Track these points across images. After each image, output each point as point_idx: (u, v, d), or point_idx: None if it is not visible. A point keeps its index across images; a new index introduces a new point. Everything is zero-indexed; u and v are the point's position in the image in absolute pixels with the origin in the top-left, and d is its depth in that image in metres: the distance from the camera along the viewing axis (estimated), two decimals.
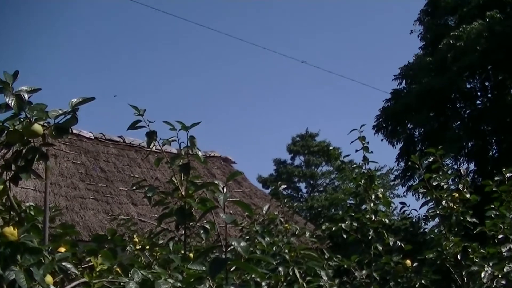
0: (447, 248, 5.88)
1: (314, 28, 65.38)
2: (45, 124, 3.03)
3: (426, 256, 6.01)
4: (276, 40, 62.04)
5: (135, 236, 6.05)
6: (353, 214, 6.15)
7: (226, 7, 63.45)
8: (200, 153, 3.92)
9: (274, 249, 4.97)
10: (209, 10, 55.68)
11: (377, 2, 62.81)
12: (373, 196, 6.17)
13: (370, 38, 64.95)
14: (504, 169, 6.18)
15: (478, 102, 25.51)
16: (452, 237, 5.94)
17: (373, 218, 6.04)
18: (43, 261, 2.88)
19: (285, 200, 7.00)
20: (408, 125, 26.16)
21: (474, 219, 6.05)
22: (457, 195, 6.11)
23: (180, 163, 3.90)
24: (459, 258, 5.78)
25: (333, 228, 6.10)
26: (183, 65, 64.11)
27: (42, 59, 54.41)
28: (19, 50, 46.51)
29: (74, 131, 14.48)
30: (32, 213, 3.56)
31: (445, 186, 6.19)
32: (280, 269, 4.57)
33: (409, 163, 6.41)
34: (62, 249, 3.46)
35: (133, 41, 61.05)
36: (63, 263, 2.94)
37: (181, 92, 62.38)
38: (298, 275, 4.56)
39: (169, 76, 62.89)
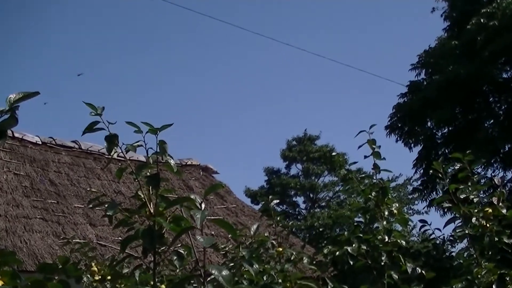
0: (479, 276, 5.88)
1: (312, 11, 65.45)
2: None
3: (453, 286, 6.01)
4: (271, 29, 62.17)
5: (93, 264, 6.04)
6: (361, 235, 6.14)
7: None
8: (172, 161, 3.90)
9: (264, 278, 4.96)
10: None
11: None
12: (386, 213, 6.16)
13: (381, 19, 65.13)
14: None
15: None
16: (485, 263, 5.94)
17: (387, 240, 6.03)
18: None
19: (279, 218, 7.00)
20: (429, 124, 26.22)
21: None
22: (490, 210, 6.10)
23: (148, 174, 3.89)
24: None
25: (338, 252, 6.09)
26: (162, 64, 64.36)
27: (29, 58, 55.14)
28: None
29: (16, 135, 14.44)
30: None
31: (475, 200, 6.19)
32: None
33: (430, 171, 6.41)
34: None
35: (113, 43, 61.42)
36: None
37: (157, 94, 62.56)
38: None
39: (146, 76, 63.19)
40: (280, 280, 4.86)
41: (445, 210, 22.97)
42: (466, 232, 6.08)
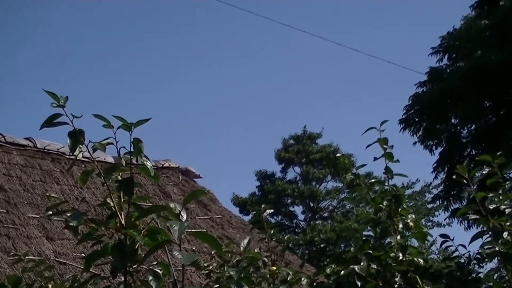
0: None
1: None
2: None
3: None
4: (265, 9, 62.19)
5: (50, 285, 6.06)
6: (371, 252, 6.16)
7: None
8: (148, 163, 3.91)
9: None
10: None
11: None
12: (401, 225, 6.17)
13: None
14: None
15: None
16: None
17: (401, 258, 6.04)
18: None
19: (273, 231, 7.03)
20: (452, 120, 26.20)
21: None
22: None
23: (120, 177, 3.89)
24: None
25: (342, 272, 6.11)
26: (142, 59, 64.51)
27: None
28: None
29: None
30: None
31: (507, 211, 6.21)
32: None
33: (454, 176, 6.42)
34: None
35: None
36: None
37: (134, 88, 62.68)
38: None
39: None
40: None
41: (471, 222, 23.04)
42: (497, 249, 6.08)
